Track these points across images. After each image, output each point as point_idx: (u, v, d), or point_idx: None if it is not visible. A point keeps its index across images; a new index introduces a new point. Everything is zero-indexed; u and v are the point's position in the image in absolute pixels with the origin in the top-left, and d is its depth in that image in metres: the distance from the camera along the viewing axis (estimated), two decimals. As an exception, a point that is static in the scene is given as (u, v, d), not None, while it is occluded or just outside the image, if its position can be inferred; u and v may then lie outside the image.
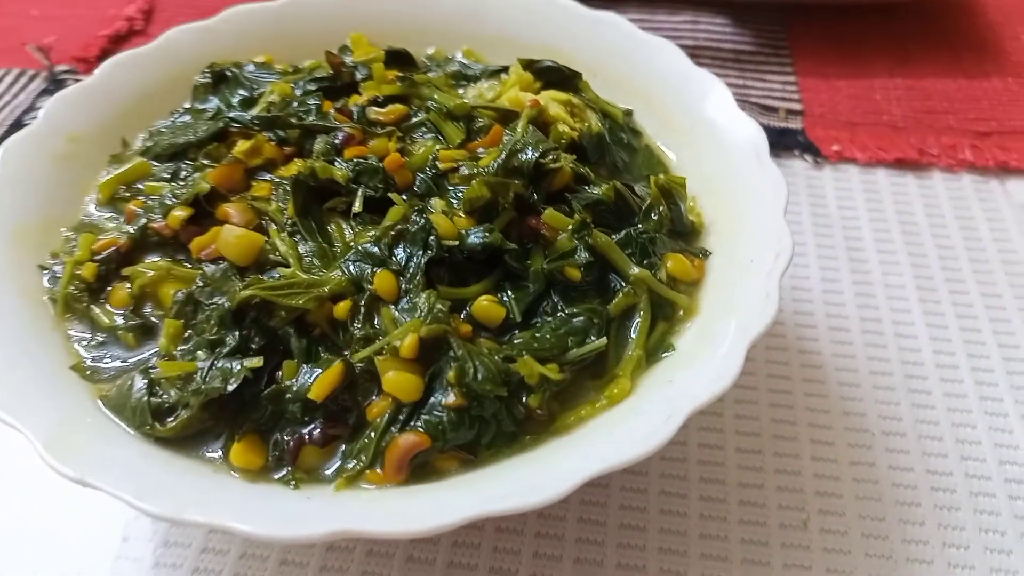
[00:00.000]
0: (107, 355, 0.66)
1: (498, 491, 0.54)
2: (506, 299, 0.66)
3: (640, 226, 0.71)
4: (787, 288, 0.88)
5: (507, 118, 0.79)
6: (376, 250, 0.66)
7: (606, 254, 0.68)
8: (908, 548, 0.69)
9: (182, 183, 0.74)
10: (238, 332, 0.63)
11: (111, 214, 0.76)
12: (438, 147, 0.76)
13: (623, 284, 0.68)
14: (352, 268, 0.66)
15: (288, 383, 0.61)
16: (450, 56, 0.92)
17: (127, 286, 0.69)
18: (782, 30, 1.22)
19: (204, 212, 0.71)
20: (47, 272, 0.71)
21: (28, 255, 0.71)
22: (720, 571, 0.68)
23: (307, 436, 0.60)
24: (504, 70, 0.85)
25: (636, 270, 0.68)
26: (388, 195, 0.70)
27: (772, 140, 0.80)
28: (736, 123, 0.77)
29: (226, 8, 0.90)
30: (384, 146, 0.75)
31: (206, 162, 0.77)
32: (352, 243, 0.69)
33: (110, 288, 0.70)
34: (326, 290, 0.64)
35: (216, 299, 0.64)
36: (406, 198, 0.70)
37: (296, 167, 0.74)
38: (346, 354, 0.62)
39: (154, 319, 0.68)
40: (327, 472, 0.60)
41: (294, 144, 0.77)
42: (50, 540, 0.71)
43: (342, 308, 0.63)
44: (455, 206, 0.69)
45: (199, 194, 0.71)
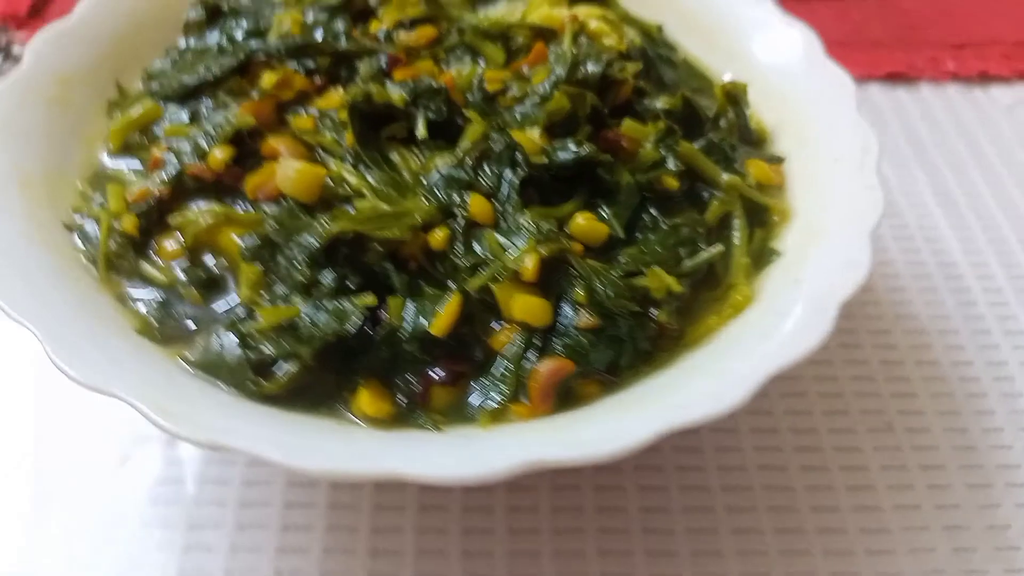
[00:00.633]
0: (172, 313, 0.58)
1: (676, 401, 0.50)
2: (604, 216, 0.62)
3: (711, 135, 0.68)
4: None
5: (543, 36, 0.74)
6: (462, 173, 0.61)
7: (693, 162, 0.65)
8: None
9: (210, 123, 0.66)
10: (333, 271, 0.56)
11: (130, 162, 0.67)
12: (481, 68, 0.71)
13: (714, 192, 0.65)
14: (439, 194, 0.60)
15: (398, 322, 0.55)
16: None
17: (177, 237, 0.61)
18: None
19: (245, 151, 0.64)
20: (74, 230, 0.62)
21: (40, 211, 0.61)
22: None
23: (435, 375, 0.54)
24: (528, -12, 0.80)
25: (727, 177, 0.65)
26: (453, 117, 0.65)
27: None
28: (782, 25, 0.75)
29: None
30: (432, 67, 0.69)
31: (229, 99, 0.68)
32: (421, 170, 0.63)
33: (155, 241, 0.61)
34: (418, 219, 0.58)
35: (299, 238, 0.57)
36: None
37: (338, 96, 0.67)
38: (451, 284, 0.57)
39: (216, 270, 0.60)
40: (465, 411, 0.54)
41: (325, 73, 0.70)
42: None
43: (439, 237, 0.58)
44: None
45: (242, 129, 0.63)
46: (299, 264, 0.56)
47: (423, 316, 0.55)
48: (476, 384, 0.55)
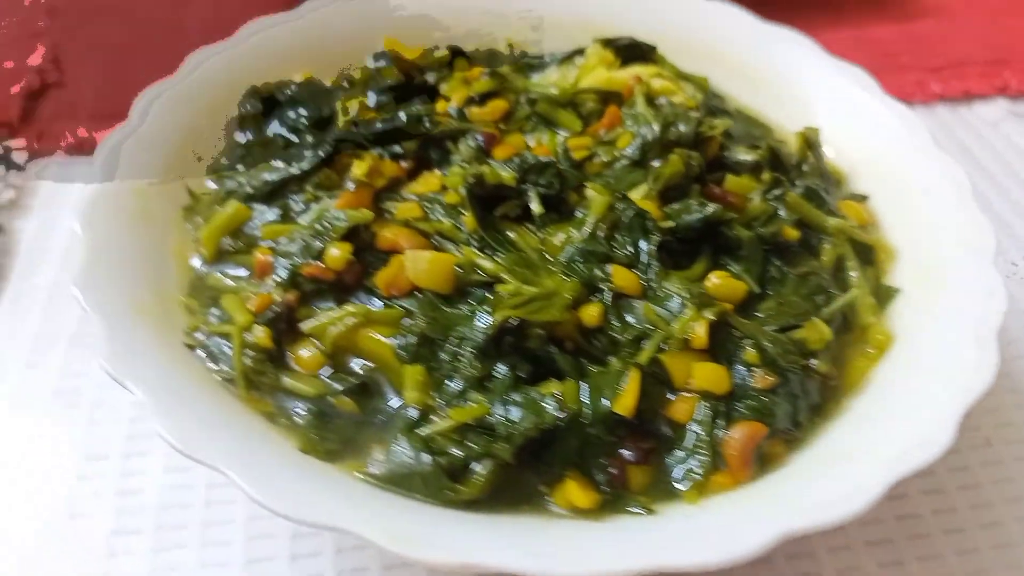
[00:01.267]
0: (330, 426, 0.55)
1: (890, 453, 0.50)
2: (734, 272, 0.62)
3: (809, 182, 0.69)
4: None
5: (611, 99, 0.75)
6: (597, 246, 0.60)
7: (801, 211, 0.66)
8: None
9: (315, 220, 0.63)
10: (505, 361, 0.54)
11: (229, 269, 0.63)
12: (561, 136, 0.71)
13: (822, 237, 0.67)
14: (579, 269, 0.59)
15: (577, 406, 0.53)
16: (494, 50, 0.86)
17: (312, 344, 0.58)
18: None
19: (359, 245, 0.61)
20: (200, 350, 0.58)
21: (161, 335, 0.57)
22: None
23: (631, 457, 0.53)
24: (578, 53, 0.80)
25: (833, 221, 0.67)
26: (564, 190, 0.64)
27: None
28: (834, 67, 0.78)
29: (246, 25, 0.78)
30: (524, 142, 0.69)
31: (320, 193, 0.66)
32: (542, 246, 0.62)
33: (288, 351, 0.58)
34: (568, 297, 0.57)
35: (459, 332, 0.55)
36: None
37: (436, 180, 0.66)
38: (612, 359, 0.56)
39: (361, 372, 0.57)
40: (665, 488, 0.53)
41: (412, 157, 0.68)
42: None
43: (594, 313, 0.57)
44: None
45: (360, 224, 0.61)
46: (467, 358, 0.54)
47: (601, 396, 0.54)
48: (669, 459, 0.54)
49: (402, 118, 0.69)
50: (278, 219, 0.65)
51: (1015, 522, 0.61)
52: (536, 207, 0.63)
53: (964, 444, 0.62)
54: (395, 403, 0.56)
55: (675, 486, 0.53)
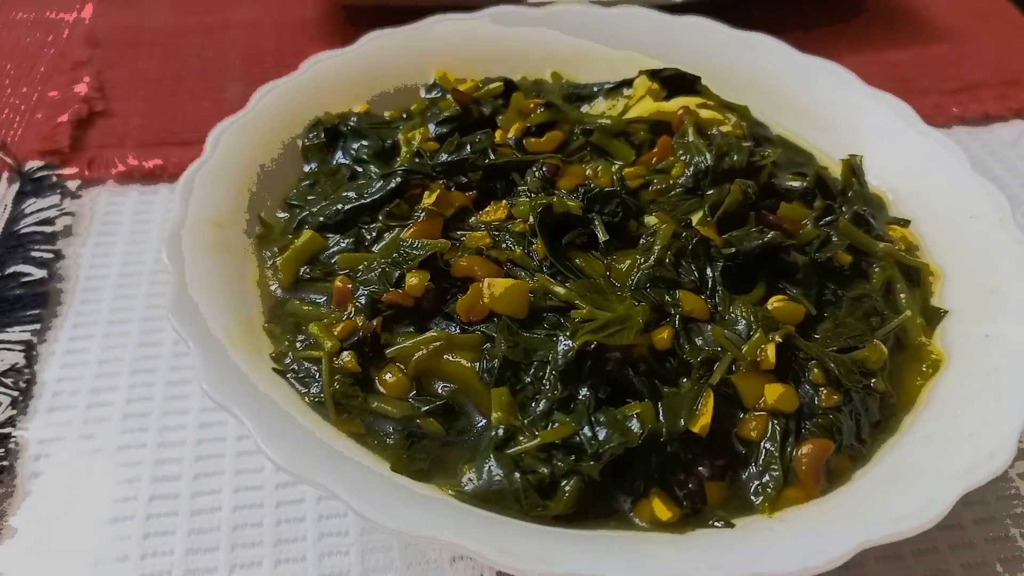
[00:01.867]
0: (418, 447, 0.57)
1: (961, 466, 0.53)
2: (791, 295, 0.65)
3: (856, 208, 0.73)
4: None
5: (662, 129, 0.78)
6: (665, 272, 0.63)
7: (852, 236, 0.69)
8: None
9: (389, 249, 0.66)
10: (584, 384, 0.57)
11: (307, 295, 0.66)
12: (616, 166, 0.74)
13: (872, 261, 0.70)
14: (648, 295, 0.62)
15: (655, 425, 0.56)
16: (540, 79, 0.89)
17: (396, 368, 0.60)
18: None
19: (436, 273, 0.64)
20: (289, 375, 0.60)
21: (252, 363, 0.60)
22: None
23: (707, 473, 0.56)
24: (625, 84, 0.84)
25: (882, 245, 0.70)
26: (628, 218, 0.67)
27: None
28: (869, 98, 0.81)
29: (308, 59, 0.81)
30: (584, 171, 0.72)
31: (391, 222, 0.69)
32: (607, 272, 0.65)
33: (374, 375, 0.61)
34: (640, 321, 0.60)
35: (539, 356, 0.58)
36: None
37: (503, 209, 0.68)
38: (684, 380, 0.59)
39: (444, 394, 0.60)
40: (742, 502, 0.56)
41: (476, 187, 0.71)
42: None
43: (665, 337, 0.60)
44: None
45: (436, 252, 0.64)
46: (551, 380, 0.57)
47: (677, 416, 0.56)
48: (744, 475, 0.57)
49: (468, 149, 0.72)
50: (351, 247, 0.68)
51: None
52: (602, 235, 0.66)
53: None
54: (479, 423, 0.59)
55: (751, 500, 0.56)
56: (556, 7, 0.92)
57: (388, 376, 0.60)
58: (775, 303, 0.63)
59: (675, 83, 0.83)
